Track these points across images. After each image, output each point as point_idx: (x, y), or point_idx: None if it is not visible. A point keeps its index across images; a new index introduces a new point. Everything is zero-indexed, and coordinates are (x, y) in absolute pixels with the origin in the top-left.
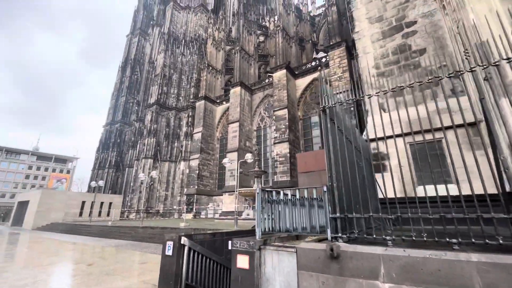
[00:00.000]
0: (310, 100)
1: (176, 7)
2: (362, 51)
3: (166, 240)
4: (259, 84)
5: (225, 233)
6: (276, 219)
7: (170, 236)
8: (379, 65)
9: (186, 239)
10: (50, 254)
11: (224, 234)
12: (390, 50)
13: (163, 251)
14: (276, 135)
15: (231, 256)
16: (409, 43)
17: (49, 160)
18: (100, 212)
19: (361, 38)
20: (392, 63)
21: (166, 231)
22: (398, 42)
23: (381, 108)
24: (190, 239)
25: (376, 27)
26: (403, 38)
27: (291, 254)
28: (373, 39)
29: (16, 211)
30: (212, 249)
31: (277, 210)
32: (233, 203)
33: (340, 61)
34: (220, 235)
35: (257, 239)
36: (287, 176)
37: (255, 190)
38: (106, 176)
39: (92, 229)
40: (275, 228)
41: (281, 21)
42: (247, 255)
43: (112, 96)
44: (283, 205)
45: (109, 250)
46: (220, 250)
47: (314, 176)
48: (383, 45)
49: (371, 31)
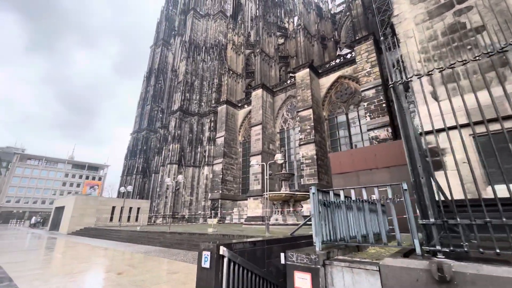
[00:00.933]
0: (335, 99)
1: (196, 16)
2: (404, 36)
3: (202, 250)
4: (281, 86)
5: (265, 241)
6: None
7: (207, 245)
8: (426, 49)
9: (226, 249)
10: (81, 260)
11: (265, 242)
12: (439, 31)
13: (198, 262)
14: (301, 137)
15: (286, 272)
16: (462, 21)
17: (83, 168)
18: (129, 217)
19: (401, 22)
20: (442, 45)
21: (195, 237)
22: (449, 21)
23: (433, 97)
24: (229, 248)
25: (420, 8)
26: (455, 16)
27: (373, 274)
28: (417, 20)
29: (53, 216)
30: (253, 260)
31: (336, 215)
32: (259, 208)
33: (368, 56)
34: (260, 243)
35: (318, 251)
36: (314, 179)
37: (284, 194)
38: (134, 182)
39: (122, 234)
40: (332, 237)
41: (302, 19)
42: (308, 273)
43: (138, 105)
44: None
45: (138, 257)
46: (261, 261)
47: (350, 177)
48: (430, 26)
49: (414, 13)
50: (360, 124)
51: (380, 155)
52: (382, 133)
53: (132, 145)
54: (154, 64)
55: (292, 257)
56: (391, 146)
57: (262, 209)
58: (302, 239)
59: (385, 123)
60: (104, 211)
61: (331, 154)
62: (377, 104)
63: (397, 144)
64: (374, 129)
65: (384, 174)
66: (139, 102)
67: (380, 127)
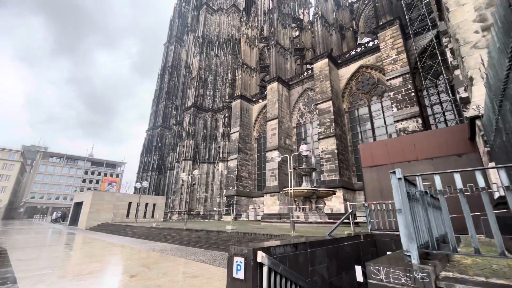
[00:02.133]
0: (356, 90)
1: (209, 11)
2: (455, 4)
3: (233, 255)
4: (297, 78)
5: (308, 243)
6: (428, 225)
7: (239, 250)
8: (484, 16)
9: (265, 255)
10: (94, 258)
11: (308, 245)
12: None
13: (228, 270)
14: (320, 130)
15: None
16: None
17: (101, 165)
18: (145, 213)
19: None
20: None
21: (212, 235)
22: None
23: None
24: (268, 253)
25: None
26: None
27: None
28: None
29: (72, 211)
30: (295, 268)
31: (425, 210)
32: (276, 204)
33: (393, 42)
34: (302, 246)
35: (417, 265)
36: (335, 174)
37: (306, 190)
38: (149, 179)
39: (138, 230)
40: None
41: (319, 8)
42: None
43: (152, 102)
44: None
45: (154, 256)
46: (304, 269)
47: (385, 171)
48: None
49: None
50: (384, 116)
51: (421, 145)
52: (411, 125)
53: (148, 142)
54: (167, 61)
55: (379, 273)
56: (435, 134)
57: (279, 206)
58: (344, 241)
59: (414, 113)
60: (121, 207)
61: (362, 145)
62: (405, 94)
63: (443, 132)
64: (402, 120)
65: (426, 166)
66: (154, 99)
67: (409, 118)
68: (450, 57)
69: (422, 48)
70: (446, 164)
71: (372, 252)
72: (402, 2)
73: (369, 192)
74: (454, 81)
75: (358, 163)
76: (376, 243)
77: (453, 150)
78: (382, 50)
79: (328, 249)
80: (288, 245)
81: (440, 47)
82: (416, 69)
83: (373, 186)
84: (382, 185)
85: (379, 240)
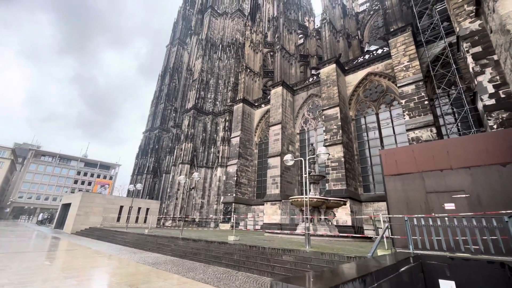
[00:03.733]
0: (364, 98)
1: (214, 14)
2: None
3: None
4: (302, 84)
5: (374, 275)
6: None
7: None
8: None
9: None
10: (71, 272)
11: (373, 277)
12: None
13: None
14: (327, 137)
15: None
16: None
17: (95, 166)
18: (137, 218)
19: None
20: None
21: (213, 246)
22: None
23: None
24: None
25: None
26: None
27: None
28: None
29: (59, 213)
30: None
31: None
32: (277, 214)
33: (405, 48)
34: (370, 280)
35: None
36: (342, 184)
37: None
38: (144, 182)
39: (128, 237)
40: None
41: (327, 13)
42: None
43: (151, 103)
44: None
45: (144, 270)
46: None
47: (412, 180)
48: None
49: None
50: (393, 125)
51: (455, 152)
52: (425, 134)
53: (144, 144)
54: (169, 63)
55: None
56: (473, 140)
57: (280, 215)
58: (401, 266)
59: (427, 122)
60: (112, 210)
61: (383, 151)
62: (418, 102)
63: (482, 137)
64: (415, 129)
65: (462, 177)
66: (153, 100)
67: (422, 126)
68: (472, 62)
69: (434, 56)
70: (488, 174)
71: (420, 279)
72: (414, 10)
73: (393, 203)
74: (477, 88)
75: (364, 173)
76: (423, 267)
77: (496, 158)
78: (393, 56)
79: (391, 279)
80: (356, 280)
81: (453, 56)
82: (427, 77)
83: (397, 197)
84: (408, 196)
85: (427, 264)
